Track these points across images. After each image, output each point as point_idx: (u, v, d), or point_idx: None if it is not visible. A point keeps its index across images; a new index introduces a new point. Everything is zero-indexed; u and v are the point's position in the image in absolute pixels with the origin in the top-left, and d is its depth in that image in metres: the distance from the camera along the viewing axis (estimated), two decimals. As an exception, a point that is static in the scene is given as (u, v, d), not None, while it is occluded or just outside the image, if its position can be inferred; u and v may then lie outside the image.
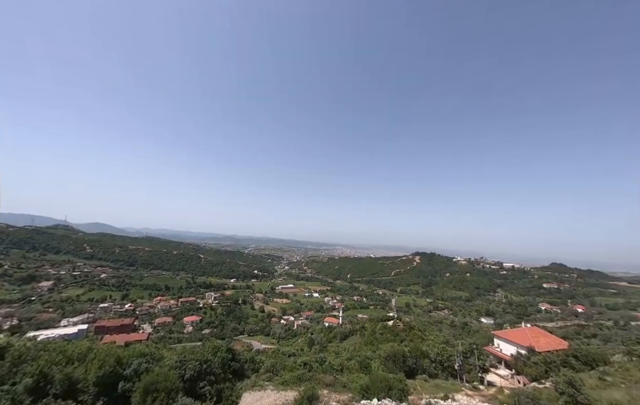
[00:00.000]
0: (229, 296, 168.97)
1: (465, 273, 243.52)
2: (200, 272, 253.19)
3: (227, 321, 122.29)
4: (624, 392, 15.52)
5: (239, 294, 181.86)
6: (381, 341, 43.78)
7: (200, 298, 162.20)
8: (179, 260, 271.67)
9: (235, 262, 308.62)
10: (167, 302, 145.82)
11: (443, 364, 28.21)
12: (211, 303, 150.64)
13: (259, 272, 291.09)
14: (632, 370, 22.57)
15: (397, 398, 15.20)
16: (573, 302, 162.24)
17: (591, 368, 24.65)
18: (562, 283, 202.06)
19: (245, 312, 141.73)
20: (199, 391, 15.10)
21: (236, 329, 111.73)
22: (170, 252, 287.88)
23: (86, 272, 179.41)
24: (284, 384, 19.46)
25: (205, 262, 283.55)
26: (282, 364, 25.58)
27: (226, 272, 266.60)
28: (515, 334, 37.34)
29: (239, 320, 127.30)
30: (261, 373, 23.01)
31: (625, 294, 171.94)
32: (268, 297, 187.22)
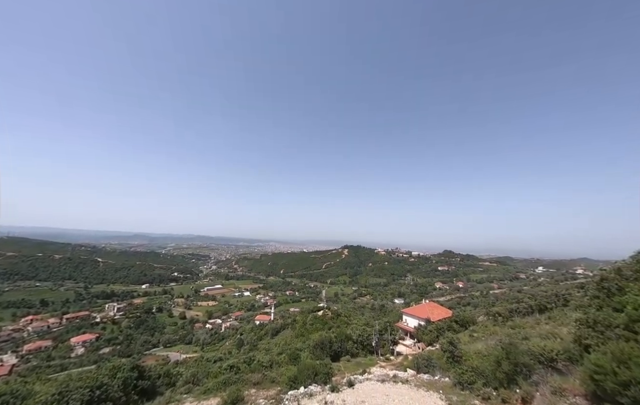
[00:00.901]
0: (139, 305, 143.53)
1: (384, 262, 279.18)
2: (97, 280, 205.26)
3: (135, 335, 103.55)
4: (483, 343, 20.79)
5: (153, 301, 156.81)
6: (311, 331, 45.64)
7: (96, 311, 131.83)
8: (63, 265, 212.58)
9: (147, 265, 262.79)
10: (43, 321, 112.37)
11: (364, 343, 31.73)
12: (113, 316, 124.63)
13: (179, 275, 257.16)
14: (489, 326, 30.86)
15: (322, 381, 16.17)
16: (456, 279, 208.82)
17: (465, 328, 32.42)
18: (450, 266, 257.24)
19: (160, 322, 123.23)
20: (90, 424, 12.28)
21: (148, 342, 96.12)
22: (49, 257, 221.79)
23: None
24: (206, 393, 17.90)
25: (105, 266, 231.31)
26: (205, 372, 23.43)
27: (135, 276, 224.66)
28: (417, 309, 45.45)
29: (152, 331, 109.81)
30: (179, 386, 20.49)
31: (487, 271, 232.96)
32: (191, 301, 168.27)
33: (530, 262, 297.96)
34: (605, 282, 14.44)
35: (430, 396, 13.29)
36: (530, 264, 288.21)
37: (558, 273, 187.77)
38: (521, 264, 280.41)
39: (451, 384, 14.40)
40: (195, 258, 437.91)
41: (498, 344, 15.28)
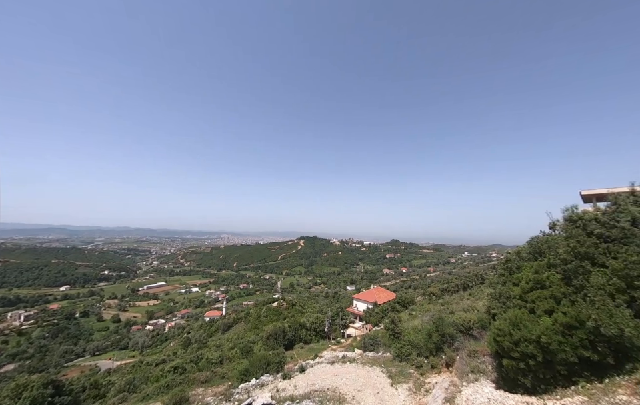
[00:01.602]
0: (56, 311, 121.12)
1: (338, 252, 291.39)
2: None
3: (51, 345, 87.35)
4: (419, 320, 23.64)
5: (76, 305, 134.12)
6: (265, 323, 45.22)
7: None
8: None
9: (68, 263, 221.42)
10: None
11: (317, 330, 33.07)
12: (19, 326, 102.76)
13: (110, 273, 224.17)
14: (425, 305, 35.29)
15: (274, 371, 16.32)
16: (401, 265, 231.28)
17: (406, 308, 36.48)
18: (396, 253, 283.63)
19: (86, 328, 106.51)
20: (-17, 458, 10.04)
21: (70, 352, 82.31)
22: None
23: None
24: (145, 399, 16.36)
25: (6, 266, 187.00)
26: (144, 377, 21.28)
27: (50, 278, 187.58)
28: (366, 294, 49.18)
29: (75, 339, 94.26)
30: (110, 396, 18.22)
31: (426, 257, 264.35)
32: (126, 302, 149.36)
33: (459, 249, 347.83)
34: (509, 262, 17.86)
35: (374, 371, 14.66)
36: (459, 250, 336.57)
37: (478, 257, 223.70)
38: (452, 251, 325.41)
39: (392, 358, 16.12)
40: (131, 253, 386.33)
41: (430, 319, 17.65)
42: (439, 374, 13.36)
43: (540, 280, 10.32)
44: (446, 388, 10.71)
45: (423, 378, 13.27)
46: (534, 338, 8.19)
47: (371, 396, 11.89)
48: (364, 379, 13.75)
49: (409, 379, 13.24)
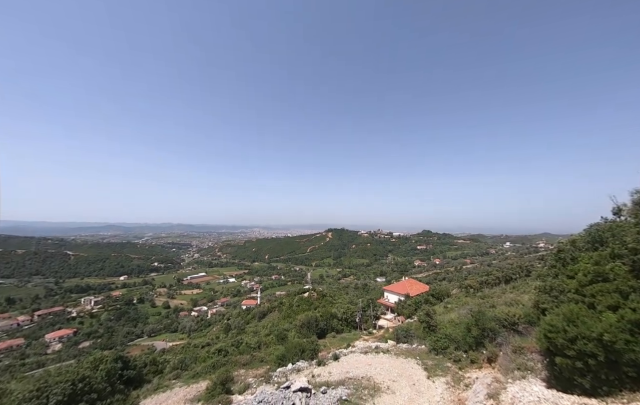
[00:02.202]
0: (118, 297, 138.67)
1: (366, 243, 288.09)
2: (69, 274, 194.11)
3: (116, 327, 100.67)
4: (456, 313, 22.62)
5: (133, 292, 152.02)
6: (297, 312, 46.90)
7: (71, 305, 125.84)
8: (29, 260, 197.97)
9: (124, 256, 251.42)
10: (11, 319, 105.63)
11: (348, 320, 33.42)
12: (91, 309, 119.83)
13: (160, 264, 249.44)
14: (462, 298, 33.54)
15: (309, 357, 17.00)
16: (434, 257, 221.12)
17: (440, 301, 35.05)
18: (428, 244, 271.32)
19: (143, 312, 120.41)
20: (75, 416, 12.15)
21: (131, 333, 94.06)
22: (11, 252, 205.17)
23: None
24: (195, 377, 18.19)
25: (77, 259, 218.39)
26: (193, 357, 23.64)
27: (111, 269, 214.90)
28: (397, 286, 48.14)
29: (134, 322, 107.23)
30: (166, 373, 20.59)
31: (461, 248, 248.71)
32: (174, 290, 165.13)
33: (499, 239, 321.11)
34: (561, 253, 16.12)
35: (408, 362, 14.48)
36: (499, 240, 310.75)
37: (523, 247, 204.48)
38: (492, 241, 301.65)
39: (427, 351, 15.74)
40: (175, 247, 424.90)
41: (468, 313, 16.78)
42: (479, 370, 12.75)
43: (602, 272, 9.19)
44: (488, 384, 10.21)
45: (462, 372, 12.79)
46: (594, 335, 7.40)
47: (407, 387, 11.80)
48: (398, 370, 13.68)
49: (446, 372, 12.86)
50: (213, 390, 13.03)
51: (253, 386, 14.20)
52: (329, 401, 10.29)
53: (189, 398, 14.73)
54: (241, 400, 10.67)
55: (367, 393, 11.40)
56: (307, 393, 10.40)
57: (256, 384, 14.32)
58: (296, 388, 10.31)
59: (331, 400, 10.35)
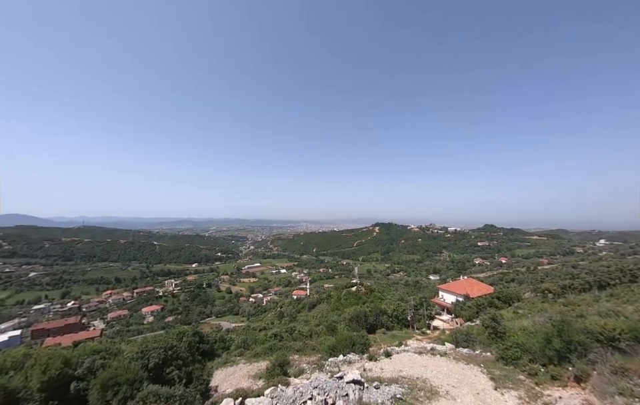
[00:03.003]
0: (192, 281, 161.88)
1: (417, 239, 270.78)
2: (155, 260, 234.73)
3: (191, 306, 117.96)
4: (529, 320, 19.73)
5: (203, 278, 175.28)
6: (345, 305, 47.35)
7: (158, 286, 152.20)
8: (128, 249, 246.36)
9: (195, 246, 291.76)
10: (119, 295, 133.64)
11: (398, 317, 32.20)
12: (172, 290, 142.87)
13: (222, 254, 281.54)
14: (536, 303, 28.89)
15: (359, 351, 17.10)
16: (499, 255, 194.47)
17: (508, 305, 30.79)
18: (491, 241, 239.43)
19: (210, 295, 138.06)
20: (167, 377, 14.79)
21: (202, 312, 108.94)
22: (116, 242, 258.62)
23: (7, 272, 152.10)
24: (256, 356, 20.19)
25: (161, 248, 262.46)
26: (253, 339, 26.23)
27: (186, 257, 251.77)
28: (454, 285, 44.03)
29: (204, 303, 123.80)
30: (232, 350, 23.36)
31: (535, 245, 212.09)
32: (234, 278, 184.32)
33: (589, 235, 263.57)
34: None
35: (470, 369, 13.27)
36: (589, 236, 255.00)
37: (624, 246, 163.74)
38: (578, 238, 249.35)
39: (493, 359, 14.15)
40: (234, 239, 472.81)
41: (548, 321, 14.39)
42: (563, 388, 10.90)
43: None
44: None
45: (539, 388, 11.12)
46: None
47: (470, 396, 10.88)
48: (458, 376, 12.68)
49: (518, 386, 11.37)
50: (273, 371, 14.28)
51: (307, 371, 15.04)
52: (382, 397, 10.21)
53: (252, 374, 16.46)
54: (298, 383, 11.44)
55: (423, 395, 10.92)
56: (360, 385, 10.51)
57: (309, 370, 15.13)
58: (349, 379, 10.52)
59: (384, 396, 10.26)
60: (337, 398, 9.69)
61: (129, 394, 12.59)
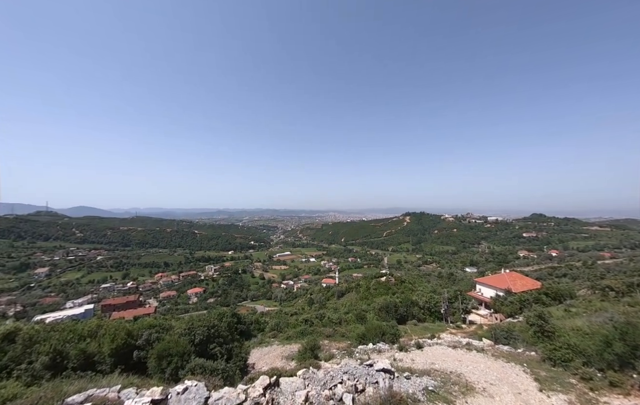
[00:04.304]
0: (229, 267, 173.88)
1: (452, 229, 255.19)
2: (196, 247, 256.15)
3: (229, 290, 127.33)
4: (585, 320, 17.67)
5: (238, 264, 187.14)
6: (374, 295, 47.12)
7: (200, 271, 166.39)
8: (173, 237, 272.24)
9: (230, 235, 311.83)
10: (168, 277, 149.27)
11: (431, 309, 31.16)
12: (212, 275, 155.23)
13: (255, 243, 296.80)
14: (594, 302, 25.62)
15: (389, 341, 17.03)
16: (548, 247, 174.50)
17: (559, 302, 27.77)
18: (540, 232, 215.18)
19: (245, 281, 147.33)
20: (210, 352, 16.43)
21: (239, 296, 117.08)
22: (164, 230, 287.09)
23: (80, 255, 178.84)
24: (288, 339, 21.30)
25: (201, 237, 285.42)
26: (285, 323, 27.63)
27: (222, 245, 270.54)
28: (494, 279, 40.90)
29: (240, 288, 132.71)
30: (267, 332, 24.91)
31: (595, 237, 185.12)
32: (266, 265, 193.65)
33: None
34: None
35: (511, 368, 12.45)
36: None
37: None
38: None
39: (538, 359, 13.07)
40: (265, 228, 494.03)
41: (608, 322, 12.77)
42: (624, 397, 9.72)
43: None
44: (642, 418, 7.72)
45: (594, 394, 10.06)
46: None
47: (509, 394, 10.27)
48: (497, 373, 11.99)
49: (568, 390, 10.41)
50: (304, 353, 14.97)
51: (337, 357, 15.47)
52: (414, 388, 10.13)
53: (285, 355, 17.44)
54: (328, 367, 11.85)
55: (458, 389, 10.58)
56: (390, 374, 10.54)
57: (339, 356, 15.54)
58: (379, 367, 10.60)
59: (415, 387, 10.17)
60: (367, 384, 9.86)
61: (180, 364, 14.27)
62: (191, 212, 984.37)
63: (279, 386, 9.07)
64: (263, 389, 8.31)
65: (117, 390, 8.28)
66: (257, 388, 8.26)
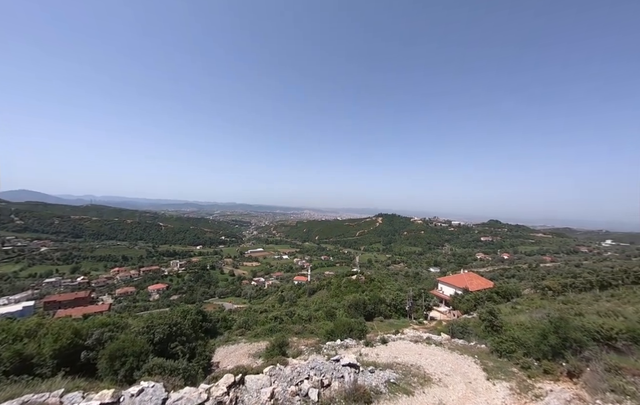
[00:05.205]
0: (196, 263, 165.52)
1: (420, 231, 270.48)
2: (161, 241, 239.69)
3: (195, 286, 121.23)
4: (527, 316, 19.97)
5: (207, 260, 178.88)
6: (345, 293, 48.24)
7: (164, 266, 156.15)
8: (135, 228, 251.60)
9: (199, 229, 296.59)
10: (126, 272, 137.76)
11: (397, 306, 32.82)
12: (177, 270, 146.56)
13: (226, 238, 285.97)
14: (535, 300, 29.03)
15: (357, 337, 17.56)
16: (501, 251, 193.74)
17: (507, 300, 31.01)
18: (495, 236, 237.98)
19: (214, 277, 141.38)
20: (171, 351, 15.50)
21: (206, 293, 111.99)
22: (124, 221, 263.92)
23: (20, 246, 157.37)
24: (256, 337, 20.90)
25: (166, 230, 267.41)
26: (254, 320, 27.07)
27: (190, 239, 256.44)
28: (454, 278, 44.36)
29: (208, 284, 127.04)
30: (234, 329, 24.20)
31: (540, 243, 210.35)
32: (237, 261, 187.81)
33: (596, 235, 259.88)
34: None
35: (464, 359, 13.58)
36: (596, 236, 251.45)
37: (631, 247, 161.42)
38: (584, 237, 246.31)
39: (488, 351, 14.43)
40: (238, 223, 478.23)
41: (545, 318, 14.51)
42: (555, 382, 11.12)
43: None
44: (567, 400, 8.92)
45: (531, 381, 11.37)
46: None
47: (461, 384, 11.19)
48: (452, 365, 13.00)
49: (510, 377, 11.64)
50: (272, 350, 14.82)
51: (305, 353, 15.56)
52: (377, 380, 10.58)
53: (252, 353, 17.11)
54: (296, 364, 11.87)
55: (417, 381, 11.27)
56: (355, 369, 10.88)
57: (307, 352, 15.65)
58: (345, 362, 10.88)
59: (378, 380, 10.62)
60: (333, 379, 10.07)
61: (135, 365, 13.26)
62: (156, 203, 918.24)
63: (244, 384, 8.88)
64: (227, 387, 8.06)
65: (58, 394, 7.45)
66: (221, 387, 8.00)
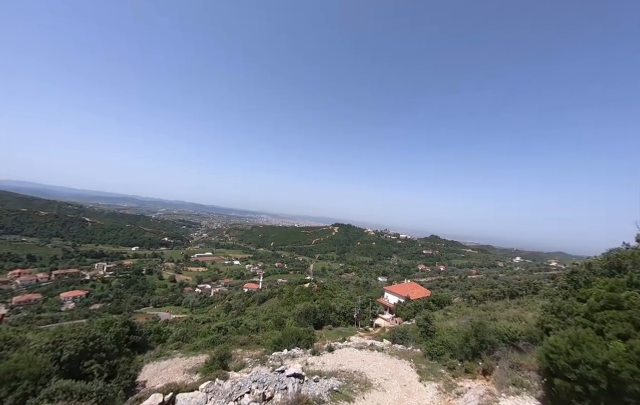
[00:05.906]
0: (129, 266, 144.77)
1: (372, 242, 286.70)
2: (85, 239, 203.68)
3: (125, 294, 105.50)
4: (455, 321, 22.49)
5: (143, 263, 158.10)
6: (296, 301, 47.72)
7: (85, 269, 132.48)
8: (50, 222, 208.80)
9: (137, 228, 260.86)
10: (31, 275, 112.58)
11: (346, 315, 33.80)
12: (103, 274, 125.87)
13: (169, 240, 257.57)
14: (463, 307, 33.17)
15: (304, 346, 17.37)
16: (439, 263, 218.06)
17: (441, 307, 34.80)
18: (435, 250, 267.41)
19: (150, 283, 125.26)
20: (84, 371, 12.93)
21: (138, 301, 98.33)
22: (35, 213, 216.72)
23: None
24: (195, 350, 18.97)
25: (94, 226, 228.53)
26: (194, 331, 24.60)
27: (125, 238, 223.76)
28: (398, 287, 48.02)
29: (142, 291, 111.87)
30: (169, 342, 21.58)
31: (469, 257, 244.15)
32: (181, 266, 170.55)
33: (509, 252, 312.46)
34: (575, 274, 15.62)
35: (401, 363, 14.58)
36: (509, 253, 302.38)
37: (533, 264, 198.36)
38: (501, 253, 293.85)
39: (422, 355, 15.76)
40: (185, 224, 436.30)
41: (468, 323, 16.60)
42: (473, 380, 12.69)
43: (616, 299, 8.89)
44: (481, 395, 10.20)
45: (455, 380, 12.77)
46: (599, 362, 7.23)
47: (398, 387, 11.92)
48: (391, 369, 13.80)
49: (438, 378, 12.88)
50: (211, 364, 13.58)
51: (249, 365, 14.70)
52: (320, 389, 10.54)
53: (188, 368, 15.43)
54: (237, 377, 11.09)
55: (358, 387, 11.60)
56: (300, 379, 10.68)
57: (252, 364, 14.81)
58: (290, 373, 10.60)
59: (322, 389, 10.60)
60: (276, 391, 9.67)
61: (31, 390, 10.70)
62: (82, 194, 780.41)
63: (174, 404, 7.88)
64: (150, 410, 7.04)
65: None
66: (143, 410, 6.95)
